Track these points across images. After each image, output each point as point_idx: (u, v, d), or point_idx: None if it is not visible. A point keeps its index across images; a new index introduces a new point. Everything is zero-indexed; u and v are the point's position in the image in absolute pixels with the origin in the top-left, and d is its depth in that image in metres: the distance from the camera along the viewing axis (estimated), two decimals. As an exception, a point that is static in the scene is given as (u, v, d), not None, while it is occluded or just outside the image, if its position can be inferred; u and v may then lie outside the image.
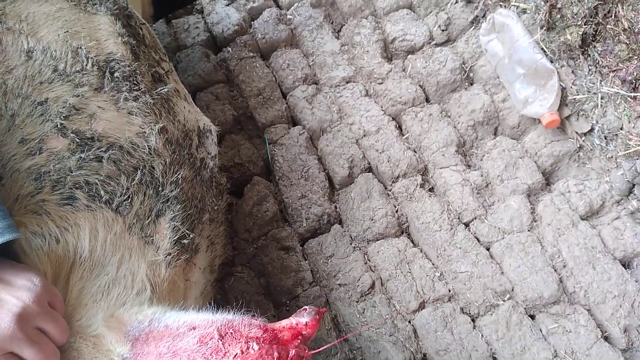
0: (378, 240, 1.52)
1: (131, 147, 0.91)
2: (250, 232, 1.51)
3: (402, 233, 1.55)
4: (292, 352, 0.82)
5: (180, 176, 0.96)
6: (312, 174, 1.56)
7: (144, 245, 0.90)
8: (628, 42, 1.53)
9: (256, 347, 0.80)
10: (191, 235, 0.95)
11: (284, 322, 0.87)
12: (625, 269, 1.42)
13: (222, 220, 1.20)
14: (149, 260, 0.90)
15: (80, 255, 0.84)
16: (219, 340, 0.80)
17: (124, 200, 0.88)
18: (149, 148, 0.93)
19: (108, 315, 0.85)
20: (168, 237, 0.93)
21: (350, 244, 1.51)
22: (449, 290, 1.44)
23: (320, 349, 0.89)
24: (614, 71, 1.57)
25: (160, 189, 0.93)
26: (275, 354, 0.81)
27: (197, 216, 1.01)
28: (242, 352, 0.80)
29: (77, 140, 0.86)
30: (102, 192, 0.86)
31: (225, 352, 0.79)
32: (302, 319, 0.87)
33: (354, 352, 1.40)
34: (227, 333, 0.82)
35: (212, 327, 0.82)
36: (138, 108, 0.94)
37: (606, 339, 1.37)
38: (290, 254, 1.51)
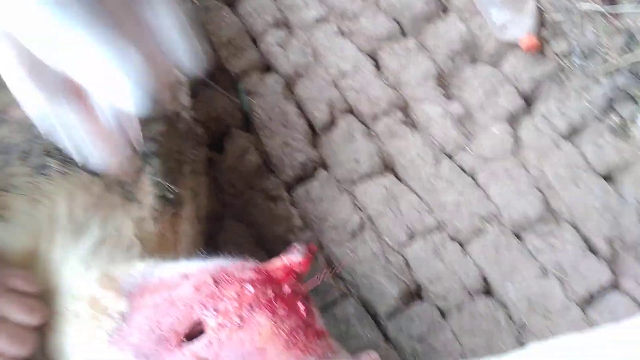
0: (364, 180, 1.52)
1: (101, 105, 0.89)
2: (236, 186, 1.51)
3: (388, 171, 1.56)
4: (287, 289, 0.84)
5: (157, 131, 0.95)
6: (292, 121, 1.55)
7: (126, 202, 0.89)
8: (601, -45, 1.50)
9: (251, 289, 0.82)
10: (174, 189, 0.95)
11: (276, 262, 0.89)
12: (608, 183, 1.45)
13: (203, 171, 1.19)
14: (134, 216, 0.89)
15: (60, 221, 0.83)
16: (214, 286, 0.81)
17: (100, 161, 0.87)
18: (119, 104, 0.90)
19: (99, 274, 0.86)
20: (151, 192, 0.93)
21: (337, 187, 1.52)
22: (438, 221, 1.46)
23: (315, 284, 0.91)
24: (589, -13, 1.54)
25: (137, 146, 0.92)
26: (271, 293, 0.82)
27: (178, 169, 1.00)
28: (238, 296, 0.81)
29: (42, 103, 0.84)
30: (75, 155, 0.84)
31: (221, 297, 0.80)
32: (293, 257, 0.88)
33: (350, 288, 1.43)
34: (221, 278, 0.83)
35: (205, 274, 0.83)
36: (104, 64, 0.91)
37: (591, 250, 1.41)
38: (279, 203, 1.51)
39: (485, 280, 1.42)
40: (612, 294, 1.36)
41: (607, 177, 1.47)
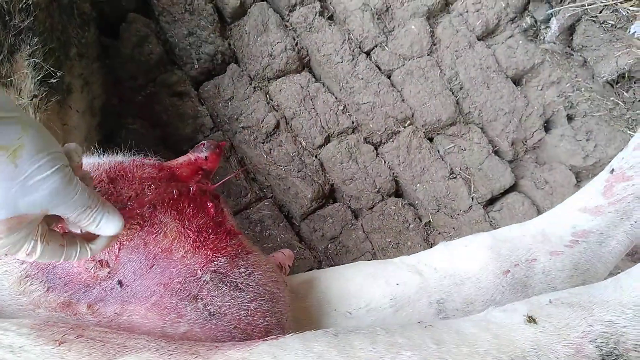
0: (279, 77, 1.44)
1: (-50, -38, 0.71)
2: (136, 79, 1.36)
3: (304, 68, 1.47)
4: (194, 187, 0.77)
5: (30, 2, 0.78)
6: (198, 7, 1.38)
7: (1, 87, 0.75)
8: None
9: (153, 187, 0.74)
10: (59, 74, 0.81)
11: (181, 159, 0.81)
12: (516, 86, 1.48)
13: (95, 56, 1.03)
14: (11, 104, 0.75)
15: None
16: (109, 184, 0.72)
17: (-42, 34, 0.71)
18: (-24, -36, 0.72)
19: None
20: (30, 76, 0.78)
21: (250, 84, 1.42)
22: (353, 122, 1.43)
23: (224, 181, 0.84)
24: None
25: (7, 18, 0.75)
26: (175, 191, 0.75)
27: (62, 51, 0.84)
28: (137, 194, 0.73)
29: None
30: None
31: (118, 196, 0.72)
32: (200, 153, 0.81)
33: (264, 190, 1.39)
34: (117, 176, 0.74)
35: (99, 171, 0.73)
36: None
37: (496, 153, 1.47)
38: (185, 99, 1.39)
39: (396, 181, 1.44)
40: (512, 194, 1.45)
41: (516, 80, 1.50)
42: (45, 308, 0.69)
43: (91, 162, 0.77)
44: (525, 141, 1.48)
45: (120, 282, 0.69)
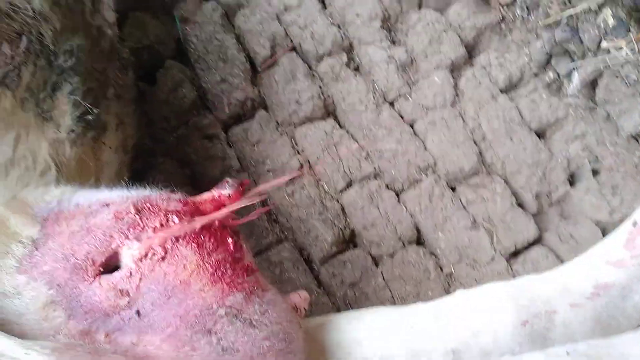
0: (305, 123, 1.48)
1: (10, 8, 0.78)
2: (169, 121, 1.42)
3: (329, 115, 1.52)
4: (216, 222, 0.79)
5: (74, 45, 0.85)
6: (231, 56, 1.46)
7: (42, 122, 0.81)
8: None
9: (176, 220, 0.77)
10: (95, 111, 0.86)
11: (206, 195, 0.84)
12: (540, 139, 1.49)
13: (131, 98, 1.10)
14: (50, 138, 0.81)
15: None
16: (136, 215, 0.76)
17: (10, 72, 0.77)
18: (33, 10, 0.80)
19: (9, 197, 0.77)
20: (69, 112, 0.84)
21: (277, 129, 1.47)
22: (375, 169, 1.45)
23: (246, 218, 0.87)
24: (537, -60, 1.53)
25: (52, 58, 0.82)
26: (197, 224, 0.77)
27: (101, 91, 0.91)
28: (162, 225, 0.76)
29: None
30: (-19, 62, 0.74)
31: (143, 226, 0.75)
32: (224, 190, 0.84)
33: (285, 232, 1.41)
34: (144, 207, 0.77)
35: (127, 203, 0.77)
36: (13, -37, 0.80)
37: (519, 205, 1.46)
38: (215, 142, 1.45)
39: (417, 229, 1.44)
40: (536, 247, 1.42)
41: (539, 133, 1.51)
42: (64, 335, 0.71)
43: (119, 194, 0.81)
44: (550, 194, 1.47)
45: (138, 312, 0.71)
